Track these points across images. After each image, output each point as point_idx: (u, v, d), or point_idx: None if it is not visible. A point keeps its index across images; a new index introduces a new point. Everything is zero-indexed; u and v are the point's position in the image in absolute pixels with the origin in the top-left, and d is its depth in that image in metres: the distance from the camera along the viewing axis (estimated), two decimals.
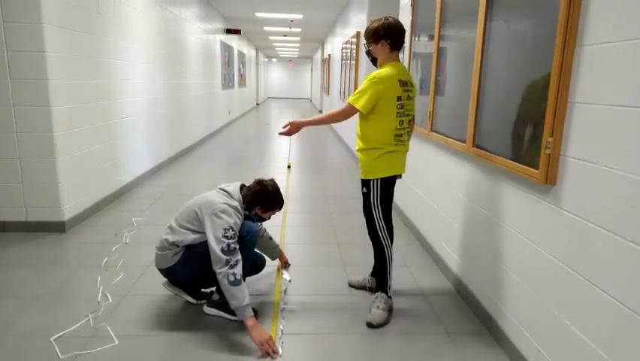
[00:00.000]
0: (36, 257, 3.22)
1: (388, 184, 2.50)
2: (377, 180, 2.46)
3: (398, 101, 2.37)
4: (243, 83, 16.22)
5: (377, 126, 2.41)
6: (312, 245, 3.67)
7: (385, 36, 2.39)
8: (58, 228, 3.68)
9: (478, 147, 2.54)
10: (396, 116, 2.39)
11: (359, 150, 2.51)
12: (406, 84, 2.41)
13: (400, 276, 3.02)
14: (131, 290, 2.76)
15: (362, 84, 2.38)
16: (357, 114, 2.44)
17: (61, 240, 3.56)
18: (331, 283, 2.94)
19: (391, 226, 2.58)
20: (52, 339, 2.21)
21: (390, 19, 2.42)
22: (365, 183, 2.51)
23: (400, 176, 2.58)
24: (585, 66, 1.65)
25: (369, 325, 2.43)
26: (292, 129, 2.53)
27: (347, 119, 2.49)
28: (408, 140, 2.53)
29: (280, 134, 2.55)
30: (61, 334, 2.26)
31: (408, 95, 2.43)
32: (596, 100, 1.59)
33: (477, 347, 2.27)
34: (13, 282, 2.84)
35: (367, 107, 2.35)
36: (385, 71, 2.37)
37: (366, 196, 2.53)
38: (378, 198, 2.48)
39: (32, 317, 2.43)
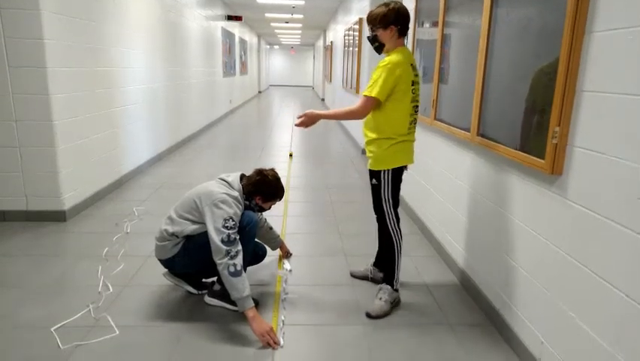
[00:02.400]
0: (36, 247, 3.21)
1: (398, 175, 2.44)
2: (388, 170, 2.39)
3: (412, 85, 2.32)
4: (244, 70, 16.10)
5: (392, 114, 2.31)
6: (313, 235, 3.65)
7: (396, 21, 2.30)
8: (58, 217, 3.67)
9: (482, 136, 2.50)
10: (411, 102, 2.33)
11: (369, 142, 2.41)
12: (415, 69, 2.37)
13: (402, 267, 2.98)
14: (132, 280, 2.75)
15: (374, 73, 2.28)
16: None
17: (61, 229, 3.54)
18: (333, 274, 2.93)
19: (399, 218, 2.55)
20: (52, 329, 2.21)
21: (398, 4, 2.34)
22: (375, 174, 2.42)
23: (406, 167, 2.51)
24: (594, 53, 1.60)
25: (368, 315, 2.41)
26: (307, 121, 2.40)
27: (365, 115, 2.37)
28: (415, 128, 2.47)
29: (296, 125, 2.44)
30: (61, 324, 2.26)
31: (417, 80, 2.38)
32: (605, 88, 1.54)
33: (480, 339, 2.26)
34: (14, 272, 2.83)
35: (384, 94, 2.26)
36: (397, 56, 2.28)
37: (376, 188, 2.44)
38: (389, 190, 2.42)
39: (33, 306, 2.43)
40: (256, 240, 2.63)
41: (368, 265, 2.84)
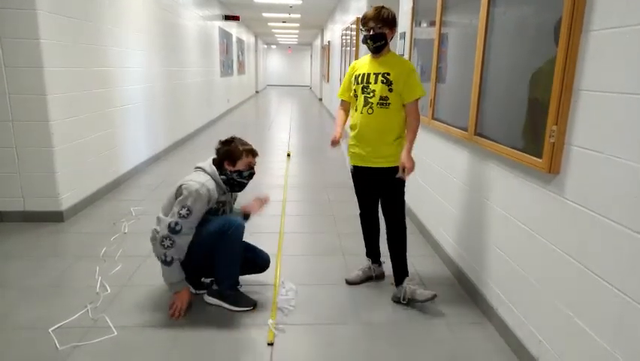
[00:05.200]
0: (34, 247, 3.20)
1: None
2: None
3: None
4: (241, 70, 16.08)
5: (404, 113, 2.49)
6: (311, 234, 3.65)
7: (396, 24, 2.45)
8: (56, 218, 3.66)
9: (479, 135, 2.51)
10: None
11: (392, 142, 2.49)
12: None
13: None
14: (130, 280, 2.75)
15: (413, 76, 2.42)
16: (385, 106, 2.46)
17: (59, 230, 3.53)
18: (330, 273, 2.92)
19: None
20: (50, 330, 2.21)
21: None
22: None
23: None
24: (592, 52, 1.61)
25: (424, 300, 2.49)
26: (411, 167, 2.44)
27: None
28: None
29: (407, 176, 2.49)
30: (59, 325, 2.25)
31: None
32: (603, 87, 1.55)
33: (478, 337, 2.26)
34: (11, 272, 2.82)
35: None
36: (404, 58, 2.47)
37: (402, 182, 2.54)
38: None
39: (31, 307, 2.42)
40: (260, 248, 2.68)
41: (364, 267, 2.82)
